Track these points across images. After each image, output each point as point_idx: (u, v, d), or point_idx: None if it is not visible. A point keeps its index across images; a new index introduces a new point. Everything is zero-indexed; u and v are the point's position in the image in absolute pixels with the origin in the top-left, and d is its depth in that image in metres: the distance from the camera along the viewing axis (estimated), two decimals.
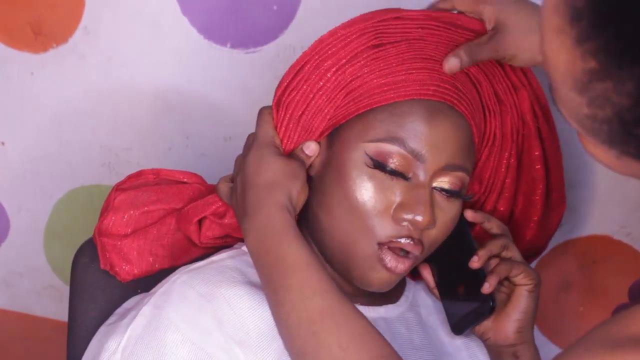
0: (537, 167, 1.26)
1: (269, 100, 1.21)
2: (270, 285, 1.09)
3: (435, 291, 1.25)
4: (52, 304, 1.71)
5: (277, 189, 1.12)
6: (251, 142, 1.18)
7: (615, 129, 0.74)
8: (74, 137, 1.59)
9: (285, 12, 1.48)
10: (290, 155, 1.17)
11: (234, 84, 1.53)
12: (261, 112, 1.19)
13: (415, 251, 1.14)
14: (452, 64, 1.15)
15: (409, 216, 1.12)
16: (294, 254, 1.08)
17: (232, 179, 1.19)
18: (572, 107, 0.76)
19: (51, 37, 1.53)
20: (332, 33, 1.17)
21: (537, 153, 1.25)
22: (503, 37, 1.17)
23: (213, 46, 1.51)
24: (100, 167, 1.61)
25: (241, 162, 1.18)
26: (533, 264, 1.46)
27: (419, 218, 1.12)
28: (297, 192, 1.14)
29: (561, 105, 0.78)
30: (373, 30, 1.16)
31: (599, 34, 0.71)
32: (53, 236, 1.67)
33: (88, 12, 1.51)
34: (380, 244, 1.13)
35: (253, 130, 1.22)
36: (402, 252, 1.14)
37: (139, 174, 1.26)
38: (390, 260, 1.13)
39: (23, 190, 1.64)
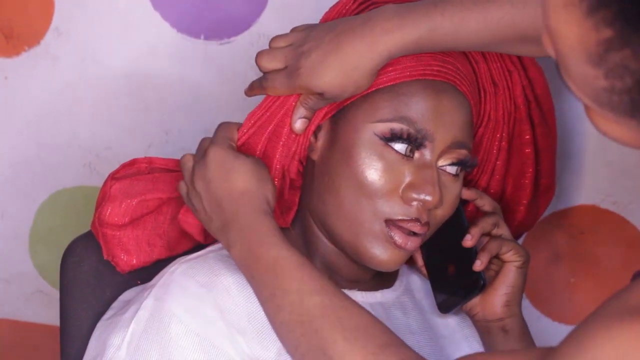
0: (526, 150, 1.27)
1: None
2: (264, 291, 1.09)
3: (424, 270, 1.25)
4: (42, 309, 1.70)
5: (253, 196, 1.13)
6: (207, 145, 1.17)
7: (637, 98, 0.72)
8: (53, 139, 1.58)
9: (256, 1, 1.47)
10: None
11: (210, 76, 1.52)
12: (221, 124, 1.20)
13: (422, 231, 1.15)
14: (300, 126, 1.16)
15: (419, 196, 1.13)
16: (285, 256, 1.09)
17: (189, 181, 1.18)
18: (586, 82, 0.74)
19: (23, 40, 1.52)
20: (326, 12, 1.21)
21: (527, 137, 1.26)
22: None
23: (186, 39, 1.50)
24: (81, 169, 1.60)
25: (198, 167, 1.16)
26: (521, 239, 1.46)
27: (428, 198, 1.13)
28: (271, 194, 1.14)
29: (572, 82, 0.76)
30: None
31: (613, 1, 0.70)
32: (38, 241, 1.66)
33: (58, 13, 1.50)
34: (388, 221, 1.14)
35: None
36: (410, 233, 1.15)
37: (132, 162, 1.26)
38: (399, 237, 1.14)
39: (4, 196, 1.63)
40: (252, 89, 1.19)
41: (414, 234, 1.15)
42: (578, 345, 0.77)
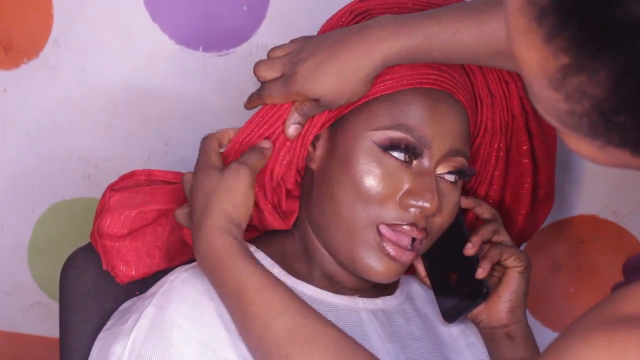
0: (524, 161, 1.27)
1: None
2: (236, 316, 1.08)
3: (426, 280, 1.25)
4: (41, 321, 1.70)
5: (211, 211, 1.10)
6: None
7: (595, 121, 0.74)
8: (52, 151, 1.58)
9: (255, 12, 1.48)
10: (238, 162, 1.14)
11: (209, 87, 1.52)
12: (204, 139, 1.19)
13: (419, 236, 1.15)
14: (293, 132, 1.16)
15: (418, 203, 1.13)
16: (245, 279, 1.07)
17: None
18: (549, 104, 0.76)
19: (22, 53, 1.52)
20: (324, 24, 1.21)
21: (525, 147, 1.27)
22: None
23: (185, 51, 1.50)
24: (80, 180, 1.60)
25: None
26: (521, 249, 1.46)
27: (426, 205, 1.13)
28: (233, 205, 1.11)
29: (539, 104, 0.78)
30: (355, 10, 1.19)
31: (567, 28, 0.71)
32: (37, 252, 1.66)
33: (57, 25, 1.50)
34: (383, 228, 1.14)
35: None
36: (409, 242, 1.15)
37: (131, 174, 1.26)
38: (392, 249, 1.14)
39: (4, 208, 1.63)
40: (251, 101, 1.20)
41: (412, 242, 1.15)
42: (557, 358, 0.78)
